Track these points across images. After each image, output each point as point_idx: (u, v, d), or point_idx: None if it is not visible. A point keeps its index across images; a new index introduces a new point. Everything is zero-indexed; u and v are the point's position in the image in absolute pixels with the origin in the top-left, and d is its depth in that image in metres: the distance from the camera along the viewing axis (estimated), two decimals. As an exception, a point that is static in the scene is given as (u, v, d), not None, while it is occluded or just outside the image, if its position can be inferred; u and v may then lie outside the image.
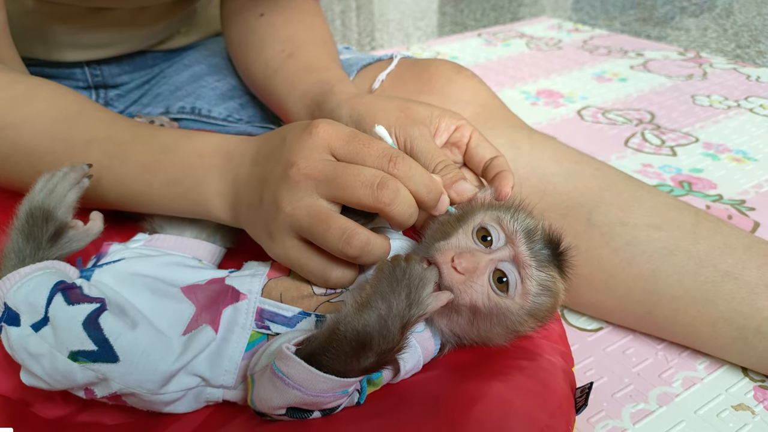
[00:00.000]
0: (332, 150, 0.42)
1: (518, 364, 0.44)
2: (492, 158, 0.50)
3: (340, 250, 0.40)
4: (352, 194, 0.40)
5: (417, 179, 0.41)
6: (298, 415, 0.39)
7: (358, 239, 0.40)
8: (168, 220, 0.52)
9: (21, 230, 0.45)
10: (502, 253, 0.42)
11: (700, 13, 1.96)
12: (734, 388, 0.57)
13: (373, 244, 0.40)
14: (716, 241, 0.58)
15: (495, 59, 1.57)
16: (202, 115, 0.78)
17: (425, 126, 0.50)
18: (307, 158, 0.41)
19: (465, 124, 0.52)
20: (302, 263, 0.43)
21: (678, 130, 1.13)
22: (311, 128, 0.42)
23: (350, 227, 0.40)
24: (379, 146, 0.41)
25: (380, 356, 0.37)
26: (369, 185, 0.39)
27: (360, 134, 0.42)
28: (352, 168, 0.40)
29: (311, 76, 0.61)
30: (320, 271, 0.43)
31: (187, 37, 0.85)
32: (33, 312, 0.41)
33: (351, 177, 0.40)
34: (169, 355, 0.41)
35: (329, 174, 0.40)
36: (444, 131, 0.52)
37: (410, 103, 0.52)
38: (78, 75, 0.76)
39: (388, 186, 0.39)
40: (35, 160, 0.51)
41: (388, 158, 0.41)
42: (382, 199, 0.39)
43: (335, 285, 0.44)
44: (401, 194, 0.40)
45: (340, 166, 0.40)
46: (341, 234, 0.40)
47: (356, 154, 0.41)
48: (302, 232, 0.42)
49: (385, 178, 0.40)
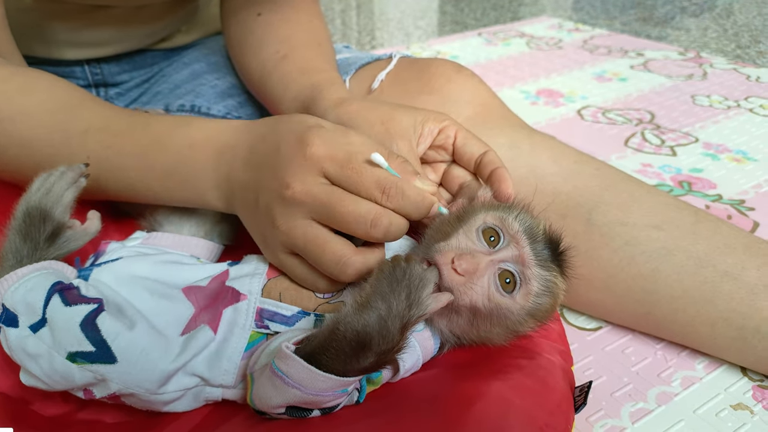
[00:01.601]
0: (326, 173, 0.42)
1: (517, 363, 0.44)
2: (482, 154, 0.51)
3: (336, 276, 0.42)
4: (345, 226, 0.41)
5: (408, 206, 0.42)
6: (298, 414, 0.39)
7: (352, 267, 0.41)
8: (166, 216, 0.52)
9: (18, 230, 0.44)
10: (504, 254, 0.42)
11: (700, 13, 1.96)
12: (733, 387, 0.57)
13: (369, 266, 0.42)
14: (716, 241, 0.58)
15: (495, 59, 1.57)
16: (202, 112, 0.78)
17: (405, 139, 0.51)
18: (302, 181, 0.41)
19: (449, 125, 0.52)
20: (294, 271, 0.45)
21: (678, 130, 1.13)
22: (305, 147, 0.42)
23: (345, 255, 0.41)
24: (372, 176, 0.42)
25: (380, 356, 0.37)
26: (362, 222, 0.41)
27: (353, 159, 0.42)
28: (346, 200, 0.41)
29: (304, 78, 0.61)
30: (309, 280, 0.44)
31: (187, 36, 0.85)
32: (31, 313, 0.41)
33: (345, 211, 0.41)
34: (168, 354, 0.41)
35: (324, 202, 0.41)
36: (428, 135, 0.52)
37: (394, 113, 0.52)
38: (78, 73, 0.76)
39: (381, 223, 0.41)
40: (33, 152, 0.51)
41: (381, 190, 0.42)
42: (374, 235, 0.41)
43: (324, 291, 0.45)
44: (393, 226, 0.41)
45: (335, 197, 0.41)
46: (336, 261, 0.41)
47: (350, 183, 0.42)
48: (296, 250, 0.43)
49: (377, 217, 0.41)
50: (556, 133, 1.11)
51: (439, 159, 0.54)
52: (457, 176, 0.53)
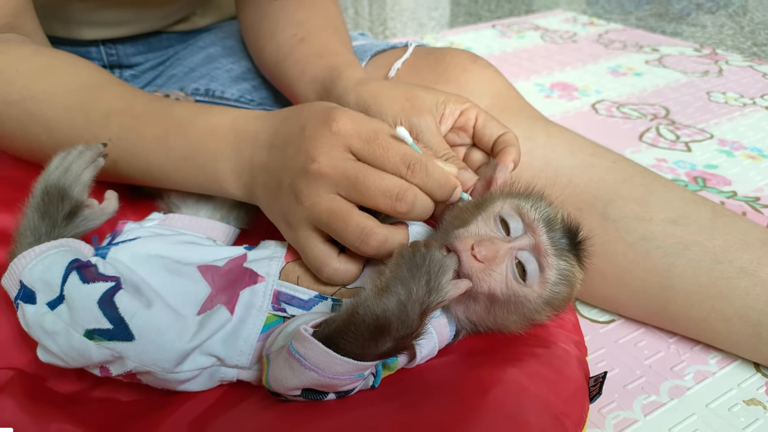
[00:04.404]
0: (352, 149, 0.42)
1: (533, 352, 0.44)
2: (500, 135, 0.51)
3: (357, 248, 0.42)
4: (370, 201, 0.41)
5: (432, 184, 0.42)
6: (314, 397, 0.39)
7: (375, 239, 0.41)
8: (183, 199, 0.52)
9: (37, 208, 0.45)
10: (522, 242, 0.41)
11: (716, 10, 1.94)
12: (746, 383, 0.57)
13: (391, 241, 0.42)
14: (732, 236, 0.58)
15: (509, 51, 1.56)
16: (216, 96, 0.78)
17: (430, 115, 0.51)
18: (328, 155, 0.41)
19: (470, 107, 0.52)
20: (308, 249, 0.44)
21: (693, 126, 1.12)
22: (331, 122, 0.42)
23: (368, 226, 0.41)
24: (398, 152, 0.42)
25: (398, 341, 0.37)
26: (389, 196, 0.41)
27: (380, 135, 0.42)
28: (373, 175, 0.41)
29: (321, 61, 0.61)
30: (320, 260, 0.43)
31: (202, 19, 0.85)
32: (48, 290, 0.41)
33: (372, 185, 0.41)
34: (184, 334, 0.41)
35: (350, 177, 0.41)
36: (449, 116, 0.52)
37: (415, 90, 0.52)
38: (93, 54, 0.76)
39: (406, 198, 0.41)
40: (55, 132, 0.51)
41: (406, 165, 0.42)
42: (399, 209, 0.41)
43: (328, 278, 0.44)
44: (418, 202, 0.41)
45: (362, 172, 0.41)
46: (359, 233, 0.41)
47: (376, 158, 0.42)
48: (320, 226, 0.43)
49: (403, 190, 0.41)
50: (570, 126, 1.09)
51: (459, 142, 0.54)
52: (477, 160, 0.53)
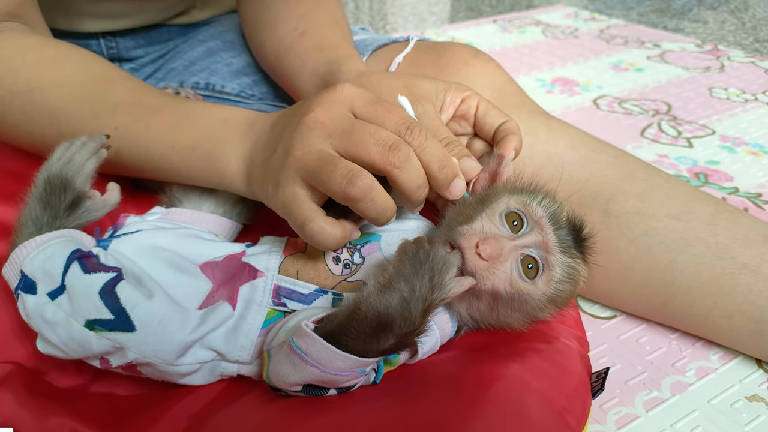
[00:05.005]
0: (353, 108, 0.42)
1: (535, 347, 0.44)
2: (501, 123, 0.50)
3: (343, 190, 0.38)
4: (364, 150, 0.39)
5: (430, 152, 0.41)
6: (315, 392, 0.39)
7: (362, 180, 0.38)
8: (185, 193, 0.52)
9: (39, 198, 0.44)
10: (528, 239, 0.41)
11: (717, 6, 1.93)
12: (748, 379, 0.57)
13: (377, 192, 0.39)
14: (735, 232, 0.58)
15: (510, 46, 1.55)
16: (216, 90, 0.77)
17: (430, 103, 0.50)
18: (327, 108, 0.41)
19: (471, 95, 0.52)
20: (294, 206, 0.40)
21: (695, 121, 1.12)
22: (335, 88, 0.43)
23: (356, 168, 0.38)
24: (400, 113, 0.42)
25: (400, 338, 0.37)
26: (382, 144, 0.39)
27: (384, 100, 0.42)
28: (369, 126, 0.40)
29: (321, 54, 0.61)
30: (305, 215, 0.40)
31: (202, 12, 0.84)
32: (49, 280, 0.40)
33: (366, 134, 0.39)
34: (186, 326, 0.41)
35: (346, 127, 0.40)
36: (450, 105, 0.52)
37: (415, 80, 0.52)
38: (93, 47, 0.76)
39: (401, 149, 0.39)
40: (60, 123, 0.51)
41: (406, 126, 0.41)
42: (392, 160, 0.39)
43: (311, 235, 0.40)
44: (412, 160, 0.40)
45: (358, 123, 0.40)
46: (347, 173, 0.38)
47: (376, 117, 0.41)
48: (308, 178, 0.40)
49: (398, 142, 0.39)
50: (571, 121, 1.08)
51: (461, 131, 0.53)
52: (479, 150, 0.53)
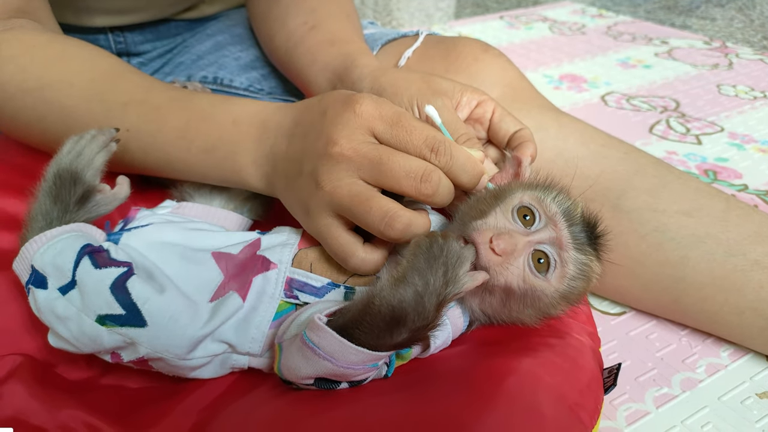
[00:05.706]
0: (374, 132, 0.41)
1: (547, 342, 0.44)
2: (516, 131, 0.50)
3: (381, 232, 0.40)
4: (395, 183, 0.40)
5: (457, 168, 0.41)
6: (326, 386, 0.39)
7: (400, 221, 0.39)
8: (197, 188, 0.52)
9: (48, 192, 0.44)
10: (542, 235, 0.41)
11: (725, 3, 1.92)
12: (759, 376, 0.57)
13: (415, 225, 0.40)
14: (746, 229, 0.57)
15: (517, 42, 1.55)
16: (224, 84, 0.77)
17: (447, 98, 0.50)
18: (350, 138, 0.40)
19: (487, 100, 0.51)
20: (331, 239, 0.42)
21: (703, 118, 1.12)
22: (354, 105, 0.41)
23: (392, 209, 0.39)
24: (421, 134, 0.41)
25: (413, 333, 0.37)
26: (413, 177, 0.40)
27: (403, 117, 0.42)
28: (397, 157, 0.40)
29: (333, 48, 0.60)
30: (345, 250, 0.42)
31: (211, 7, 0.84)
32: (60, 275, 0.40)
33: (396, 166, 0.40)
34: (197, 320, 0.41)
35: (373, 159, 0.40)
36: (465, 105, 0.51)
37: (432, 76, 0.52)
38: (101, 42, 0.76)
39: (431, 179, 0.40)
40: (71, 121, 0.50)
41: (430, 148, 0.41)
42: (424, 191, 0.40)
43: (354, 268, 0.42)
44: (443, 184, 0.40)
45: (385, 154, 0.40)
46: (383, 216, 0.39)
47: (399, 141, 0.41)
48: (341, 212, 0.41)
49: (428, 172, 0.40)
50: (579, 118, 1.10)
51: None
52: (492, 156, 0.52)
